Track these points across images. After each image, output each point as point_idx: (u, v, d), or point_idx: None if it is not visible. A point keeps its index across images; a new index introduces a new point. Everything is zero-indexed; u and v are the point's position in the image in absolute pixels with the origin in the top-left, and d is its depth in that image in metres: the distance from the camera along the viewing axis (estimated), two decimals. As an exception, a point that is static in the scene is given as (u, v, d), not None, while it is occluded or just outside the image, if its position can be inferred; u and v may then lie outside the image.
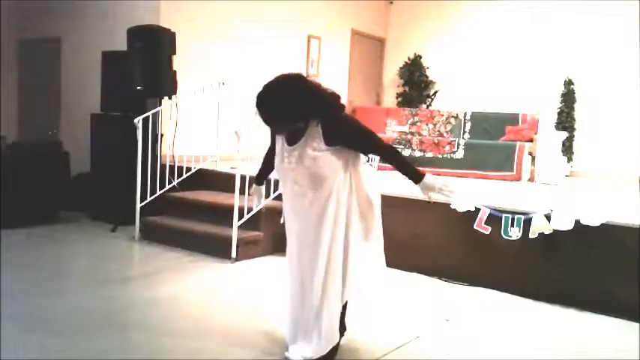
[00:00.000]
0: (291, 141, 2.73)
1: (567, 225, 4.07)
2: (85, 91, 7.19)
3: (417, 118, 8.86)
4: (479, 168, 7.36)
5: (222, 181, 5.74)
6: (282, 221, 3.07)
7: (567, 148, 8.51)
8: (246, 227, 4.94)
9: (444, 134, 8.50)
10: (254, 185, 3.32)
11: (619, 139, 8.29)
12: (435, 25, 9.94)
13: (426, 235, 4.75)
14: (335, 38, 9.27)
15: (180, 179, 5.95)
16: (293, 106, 2.61)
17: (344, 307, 2.97)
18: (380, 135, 9.27)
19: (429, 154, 7.78)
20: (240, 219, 4.88)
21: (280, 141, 2.81)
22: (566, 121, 8.66)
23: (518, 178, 7.19)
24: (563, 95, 8.73)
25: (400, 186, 5.68)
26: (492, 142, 7.86)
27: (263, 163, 3.17)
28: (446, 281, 4.56)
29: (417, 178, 2.73)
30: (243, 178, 4.78)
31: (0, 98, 7.87)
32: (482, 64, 9.43)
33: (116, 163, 5.97)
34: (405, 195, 5.04)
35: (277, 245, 4.99)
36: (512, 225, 4.28)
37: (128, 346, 3.07)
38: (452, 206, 4.57)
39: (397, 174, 2.81)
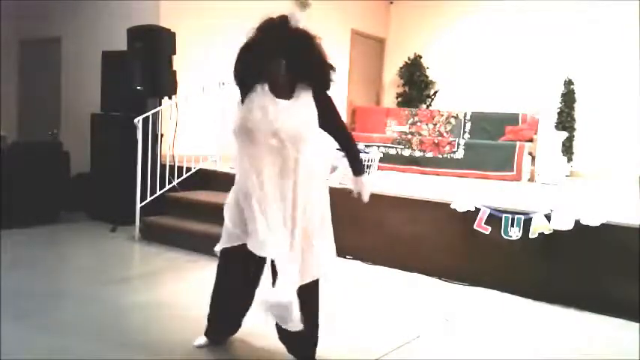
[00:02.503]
0: (279, 93, 2.66)
1: (567, 225, 4.08)
2: (85, 91, 7.20)
3: (417, 118, 8.86)
4: (479, 168, 7.36)
5: (222, 181, 5.73)
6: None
7: (567, 148, 8.51)
8: (246, 227, 4.93)
9: (444, 134, 8.50)
10: None
11: (619, 139, 8.29)
12: (435, 25, 9.94)
13: (426, 235, 4.75)
14: (335, 38, 9.27)
15: (180, 179, 5.95)
16: (304, 46, 2.68)
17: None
18: (380, 135, 9.28)
19: (429, 154, 7.78)
20: (240, 219, 4.87)
21: (260, 94, 2.67)
22: (566, 121, 8.66)
23: (518, 178, 7.19)
24: (563, 95, 8.73)
25: (400, 186, 5.70)
26: (492, 142, 7.86)
27: None
28: (446, 281, 4.56)
29: (358, 171, 2.90)
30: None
31: (0, 98, 7.87)
32: (482, 64, 9.43)
33: (116, 163, 5.97)
34: (406, 195, 5.05)
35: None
36: (512, 225, 4.28)
37: (128, 346, 3.07)
38: (452, 206, 4.58)
39: (397, 174, 2.83)
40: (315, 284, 2.75)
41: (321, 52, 2.74)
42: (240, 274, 2.82)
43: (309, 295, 2.70)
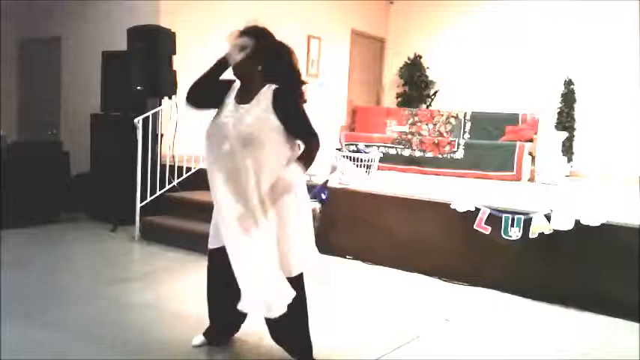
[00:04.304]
0: (242, 100, 2.74)
1: (567, 225, 4.07)
2: (85, 91, 7.19)
3: (417, 118, 8.86)
4: (479, 168, 7.36)
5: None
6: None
7: (567, 148, 8.52)
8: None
9: (444, 134, 8.50)
10: None
11: (619, 139, 8.29)
12: (435, 25, 9.94)
13: (426, 235, 4.75)
14: (335, 38, 9.27)
15: (180, 179, 5.95)
16: (273, 51, 2.75)
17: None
18: (380, 135, 9.28)
19: (429, 154, 7.79)
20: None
21: (227, 100, 2.81)
22: (566, 121, 8.67)
23: (518, 178, 7.19)
24: (563, 95, 8.73)
25: (400, 186, 5.70)
26: (492, 142, 7.86)
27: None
28: (446, 281, 4.56)
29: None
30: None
31: (0, 98, 7.87)
32: (482, 64, 9.43)
33: (116, 163, 5.97)
34: (405, 195, 5.05)
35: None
36: (512, 225, 4.28)
37: (127, 345, 3.07)
38: (452, 206, 4.58)
39: (397, 174, 2.82)
40: (295, 282, 2.70)
41: (290, 58, 2.81)
42: (225, 274, 2.75)
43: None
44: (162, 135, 6.07)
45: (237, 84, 2.86)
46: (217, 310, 3.02)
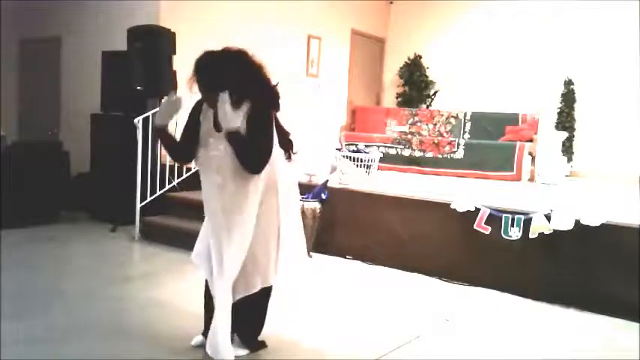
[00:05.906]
0: (220, 127, 2.76)
1: (567, 225, 4.07)
2: (85, 91, 7.19)
3: (417, 118, 8.87)
4: (479, 168, 7.37)
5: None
6: None
7: (567, 148, 8.52)
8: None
9: (444, 134, 8.51)
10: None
11: (619, 139, 8.28)
12: (435, 25, 9.94)
13: (426, 235, 4.75)
14: (335, 38, 9.27)
15: (180, 179, 5.95)
16: (231, 73, 2.77)
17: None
18: (380, 135, 9.28)
19: (429, 154, 7.79)
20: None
21: (205, 127, 2.86)
22: (566, 121, 8.66)
23: (518, 178, 7.20)
24: (563, 95, 8.73)
25: (400, 186, 5.70)
26: (492, 142, 7.87)
27: (180, 140, 3.07)
28: (446, 281, 4.56)
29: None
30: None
31: (0, 98, 7.86)
32: (482, 64, 9.42)
33: (116, 163, 5.97)
34: (405, 195, 5.05)
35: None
36: (512, 225, 4.28)
37: (128, 346, 3.07)
38: (452, 206, 4.58)
39: (397, 174, 2.82)
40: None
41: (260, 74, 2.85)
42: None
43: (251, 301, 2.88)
44: (162, 135, 6.06)
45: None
46: (212, 310, 3.03)
